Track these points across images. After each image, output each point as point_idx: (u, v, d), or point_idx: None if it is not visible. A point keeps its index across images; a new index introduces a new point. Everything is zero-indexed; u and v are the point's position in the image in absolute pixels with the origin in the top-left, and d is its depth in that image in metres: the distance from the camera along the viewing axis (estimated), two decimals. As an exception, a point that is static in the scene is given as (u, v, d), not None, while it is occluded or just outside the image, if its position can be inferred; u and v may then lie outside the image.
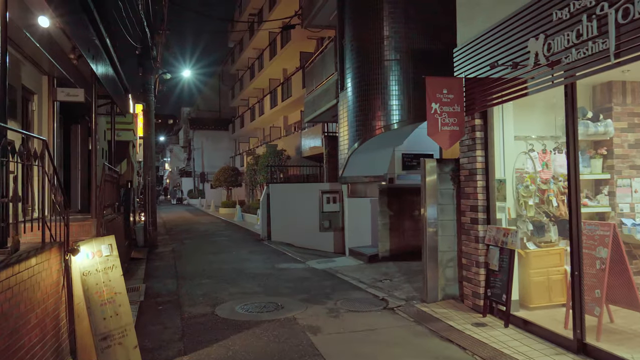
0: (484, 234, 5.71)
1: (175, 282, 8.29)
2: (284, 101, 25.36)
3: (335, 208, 14.65)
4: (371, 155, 11.06)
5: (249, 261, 10.42)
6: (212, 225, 20.03)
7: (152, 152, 13.58)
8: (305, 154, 22.05)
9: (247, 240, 14.42)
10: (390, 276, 8.09)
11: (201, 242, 14.09)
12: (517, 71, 4.84)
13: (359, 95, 10.42)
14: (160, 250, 12.64)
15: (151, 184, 13.57)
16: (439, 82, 5.96)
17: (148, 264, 10.46)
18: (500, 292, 5.32)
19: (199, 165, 43.55)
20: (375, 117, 10.12)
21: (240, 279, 8.37)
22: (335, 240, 14.60)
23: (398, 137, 10.73)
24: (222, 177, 27.56)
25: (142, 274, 9.32)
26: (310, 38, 22.91)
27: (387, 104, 9.98)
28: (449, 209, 6.38)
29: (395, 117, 9.91)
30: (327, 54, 12.62)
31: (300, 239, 14.13)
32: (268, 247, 12.82)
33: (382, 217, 9.47)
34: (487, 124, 5.76)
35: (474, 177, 5.82)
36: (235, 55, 39.41)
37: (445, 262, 6.35)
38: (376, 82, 10.11)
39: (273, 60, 27.44)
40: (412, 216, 9.62)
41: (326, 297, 6.96)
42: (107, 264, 4.18)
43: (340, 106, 11.47)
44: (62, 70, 8.35)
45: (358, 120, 10.45)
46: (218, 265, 9.87)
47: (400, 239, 9.53)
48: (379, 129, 10.06)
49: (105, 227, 7.80)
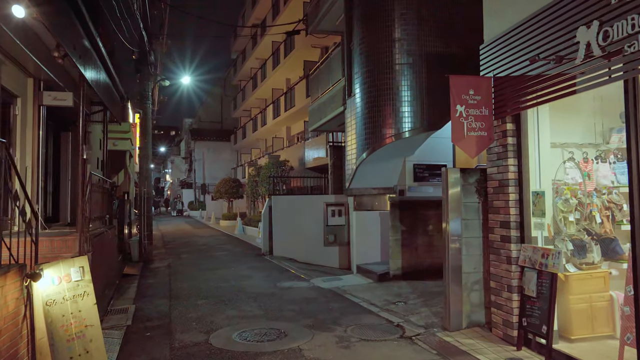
0: (517, 254, 4.99)
1: (168, 303, 7.56)
2: (287, 111, 24.78)
3: (341, 221, 13.94)
4: (380, 166, 10.38)
5: (249, 279, 9.68)
6: (212, 238, 19.30)
7: (148, 162, 12.92)
8: (308, 165, 21.39)
9: (247, 255, 13.69)
10: (404, 298, 7.34)
11: (199, 257, 13.36)
12: (562, 66, 4.16)
13: (368, 101, 9.77)
14: (155, 266, 11.90)
15: (147, 196, 12.88)
16: (465, 82, 5.29)
17: (141, 281, 9.73)
18: (539, 322, 4.58)
19: (200, 177, 42.90)
20: (386, 125, 9.46)
21: (239, 300, 7.63)
22: (340, 256, 13.87)
23: (409, 146, 10.06)
24: (222, 188, 26.88)
25: (133, 292, 8.59)
26: (314, 47, 22.39)
27: (398, 111, 9.33)
28: (474, 225, 5.67)
29: (407, 125, 9.26)
30: (333, 60, 12.01)
31: (304, 254, 13.40)
32: (270, 263, 12.08)
33: (394, 232, 8.76)
34: (520, 129, 5.07)
35: (505, 189, 5.11)
36: (238, 65, 38.98)
37: (470, 284, 5.62)
38: (387, 87, 9.47)
39: (276, 69, 26.92)
40: (426, 231, 8.90)
41: (334, 322, 6.22)
42: (76, 291, 3.48)
43: (348, 114, 10.81)
44: (49, 72, 7.72)
45: (367, 129, 9.79)
46: (215, 283, 9.14)
47: (413, 256, 8.81)
48: (389, 138, 9.40)
49: (93, 242, 7.10)
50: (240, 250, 14.90)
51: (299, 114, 24.05)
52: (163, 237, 20.30)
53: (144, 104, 12.93)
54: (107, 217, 9.56)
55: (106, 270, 8.44)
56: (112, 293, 8.28)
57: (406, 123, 9.28)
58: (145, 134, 12.90)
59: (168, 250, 15.20)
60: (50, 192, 10.12)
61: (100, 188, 9.01)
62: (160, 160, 75.77)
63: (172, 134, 79.67)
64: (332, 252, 13.81)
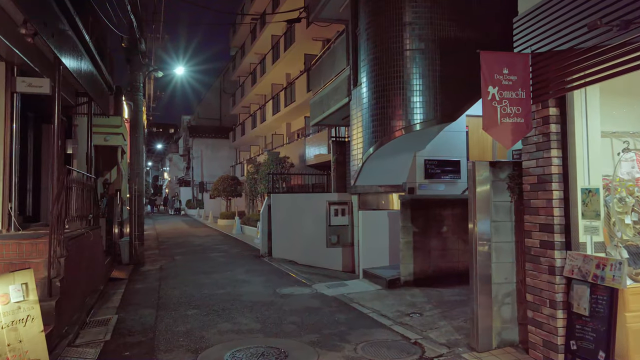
0: (562, 263, 4.19)
1: (155, 313, 6.77)
2: (287, 107, 23.98)
3: (344, 221, 13.16)
4: (389, 162, 9.59)
5: (247, 284, 8.89)
6: (209, 238, 18.50)
7: (139, 157, 12.12)
8: (309, 162, 20.59)
9: (245, 257, 12.89)
10: (419, 308, 6.55)
11: (194, 259, 12.56)
12: (630, 32, 3.36)
13: (375, 91, 8.97)
14: (146, 269, 11.11)
15: (138, 193, 12.08)
16: (498, 59, 4.49)
17: (128, 286, 8.94)
18: (593, 347, 3.79)
19: (198, 175, 42.10)
20: (395, 117, 8.66)
21: (235, 310, 6.84)
22: (344, 258, 13.09)
23: (420, 140, 9.26)
24: (220, 186, 26.07)
25: (118, 299, 7.80)
26: (315, 39, 21.61)
27: (408, 102, 8.53)
28: (505, 228, 4.87)
29: (418, 117, 8.46)
30: (337, 48, 11.20)
31: (305, 255, 12.62)
32: (268, 266, 11.28)
33: (405, 234, 7.96)
34: (566, 114, 4.26)
35: (547, 185, 4.31)
36: (237, 61, 38.17)
37: (501, 297, 4.82)
38: (396, 75, 8.67)
39: (276, 64, 26.11)
40: (440, 233, 8.11)
41: (342, 338, 5.43)
42: (16, 315, 2.71)
43: (353, 105, 10.00)
44: (22, 55, 6.88)
45: (374, 121, 8.99)
46: (209, 290, 8.34)
47: (426, 260, 8.01)
48: (398, 131, 8.61)
49: (69, 245, 6.30)
50: (238, 252, 14.11)
51: (299, 109, 23.26)
52: (158, 236, 19.50)
53: (134, 95, 12.13)
54: (91, 216, 8.76)
55: (88, 276, 7.64)
56: (94, 301, 7.49)
57: (417, 114, 8.48)
58: (136, 127, 12.10)
59: (162, 251, 14.40)
60: (30, 190, 9.32)
61: (81, 183, 8.20)
62: (159, 158, 74.98)
63: (171, 131, 78.87)
64: (335, 253, 13.03)
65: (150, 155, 66.62)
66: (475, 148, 10.29)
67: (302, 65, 24.13)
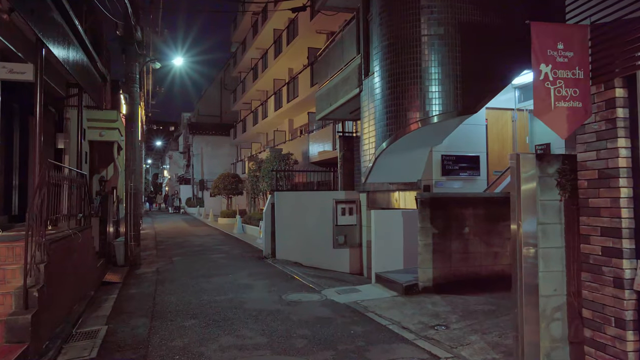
0: (632, 275, 3.50)
1: (149, 324, 6.08)
2: (289, 102, 23.29)
3: (352, 221, 12.49)
4: (403, 158, 8.91)
5: (250, 289, 8.21)
6: (209, 238, 17.81)
7: (136, 152, 11.42)
8: (313, 159, 19.91)
9: (247, 259, 12.20)
10: (444, 320, 5.86)
11: (193, 260, 11.88)
12: None
13: (389, 81, 8.28)
14: (142, 271, 10.43)
15: (134, 191, 11.39)
16: (552, 32, 3.79)
17: (122, 291, 8.26)
18: (679, 378, 3.10)
19: (198, 172, 41.42)
20: (411, 109, 7.98)
21: (238, 320, 6.16)
22: (351, 259, 12.42)
23: (437, 134, 8.57)
24: (221, 184, 25.38)
25: (109, 307, 7.13)
26: (319, 32, 20.93)
27: (426, 92, 7.85)
28: (554, 231, 4.18)
29: (435, 108, 7.79)
30: (346, 36, 10.49)
31: (310, 257, 11.95)
32: (273, 268, 10.60)
33: (424, 236, 7.27)
34: (637, 96, 3.57)
35: (611, 181, 3.63)
36: (238, 56, 37.44)
37: (549, 312, 4.13)
38: (412, 64, 7.98)
39: (278, 58, 25.40)
40: (462, 235, 7.42)
41: (361, 355, 4.75)
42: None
43: (365, 96, 9.31)
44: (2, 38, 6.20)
45: (388, 112, 8.31)
46: (209, 296, 7.66)
47: (446, 264, 7.32)
48: (414, 123, 7.93)
49: (52, 248, 5.62)
50: (240, 253, 13.42)
51: (302, 104, 22.57)
52: (156, 236, 18.83)
53: (130, 87, 11.43)
54: (81, 216, 8.07)
55: (76, 281, 6.96)
56: (83, 308, 6.81)
57: (436, 106, 7.80)
58: (133, 121, 11.40)
59: (159, 252, 13.72)
60: (16, 187, 8.64)
61: (71, 182, 7.52)
62: (159, 156, 74.34)
63: (171, 129, 78.23)
64: (342, 255, 12.37)
65: (150, 153, 66.01)
66: (495, 143, 9.60)
67: (305, 60, 23.42)
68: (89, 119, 14.05)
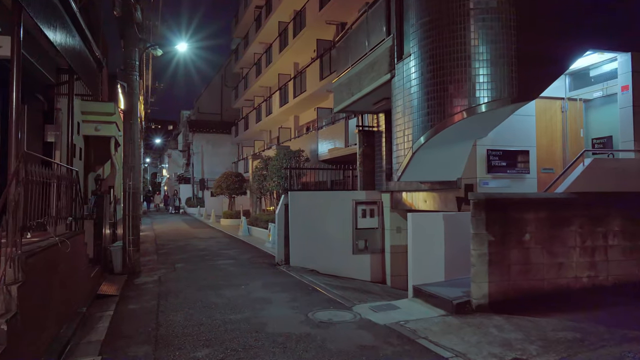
0: None
1: (152, 354, 4.93)
2: (296, 97, 22.15)
3: (373, 223, 11.38)
4: (442, 153, 7.77)
5: (268, 305, 7.05)
6: (213, 241, 16.63)
7: (134, 147, 10.25)
8: (322, 157, 18.75)
9: (258, 266, 11.04)
10: (520, 351, 4.70)
11: (198, 268, 10.72)
12: None
13: (430, 63, 7.15)
14: (142, 281, 9.26)
15: (133, 190, 10.22)
16: None
17: (119, 307, 7.09)
18: None
19: (198, 171, 40.21)
20: (457, 95, 6.86)
21: (262, 350, 5.00)
22: (372, 266, 11.30)
23: (486, 125, 7.44)
24: (224, 183, 24.19)
25: (104, 328, 5.98)
26: (329, 23, 19.79)
27: (475, 76, 6.73)
28: None
29: (487, 94, 6.67)
30: (371, 17, 9.33)
31: (327, 264, 10.83)
32: (289, 278, 9.44)
33: (478, 244, 6.12)
34: None
35: None
36: (240, 52, 36.27)
37: None
38: (459, 42, 6.86)
39: (283, 52, 24.25)
40: (521, 243, 6.27)
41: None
42: None
43: (398, 83, 8.16)
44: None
45: (429, 100, 7.17)
46: (222, 314, 6.51)
47: (504, 277, 6.18)
48: (461, 113, 6.81)
49: (31, 263, 4.46)
50: (249, 258, 12.25)
51: (310, 100, 21.43)
52: (156, 238, 17.64)
53: (129, 75, 10.26)
54: (71, 219, 6.91)
55: (63, 298, 5.80)
56: (72, 332, 5.63)
57: (486, 91, 6.69)
58: (131, 113, 10.24)
59: (160, 257, 12.55)
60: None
61: (59, 179, 6.35)
62: (157, 155, 73.09)
63: (169, 128, 77.02)
64: (363, 261, 11.26)
65: (149, 152, 64.79)
66: (543, 137, 8.47)
67: (312, 54, 22.29)
68: (83, 112, 12.86)
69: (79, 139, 12.63)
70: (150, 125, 49.48)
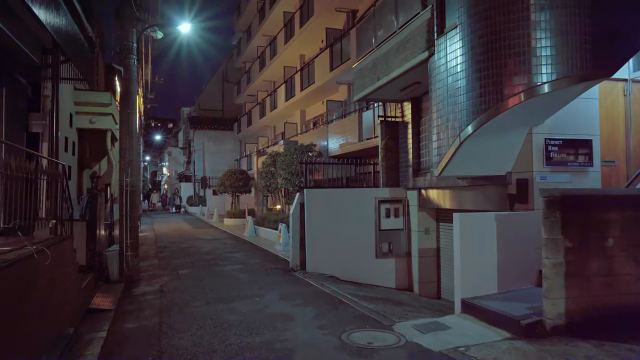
0: None
1: (154, 398, 3.81)
2: (303, 90, 20.99)
3: (398, 224, 10.25)
4: (492, 143, 6.66)
5: (291, 323, 5.93)
6: (218, 243, 15.50)
7: (132, 140, 9.11)
8: (333, 153, 17.57)
9: (271, 272, 9.91)
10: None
11: (204, 275, 9.59)
12: None
13: (482, 35, 6.03)
14: (141, 291, 8.14)
15: (131, 188, 9.09)
16: None
17: (114, 326, 5.97)
18: None
19: (199, 169, 39.06)
20: (519, 72, 5.74)
21: (294, 391, 3.87)
22: (398, 272, 10.18)
23: (547, 108, 6.32)
24: (227, 181, 23.05)
25: (94, 355, 4.85)
26: (339, 10, 18.60)
27: (539, 48, 5.60)
28: None
29: (552, 71, 5.56)
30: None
31: (348, 269, 9.72)
32: (308, 287, 8.31)
33: (553, 252, 4.99)
34: None
35: None
36: (242, 46, 35.09)
37: None
38: (519, 8, 5.72)
39: (289, 43, 23.08)
40: (603, 250, 5.13)
41: None
42: None
43: (437, 62, 7.01)
44: None
45: (481, 79, 6.04)
46: (238, 336, 5.38)
47: (584, 292, 5.05)
48: (515, 95, 5.70)
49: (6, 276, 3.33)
50: (259, 263, 11.12)
51: (319, 92, 20.28)
52: (157, 240, 16.51)
53: (125, 58, 9.12)
54: (54, 222, 5.78)
55: (43, 320, 4.68)
56: (54, 362, 4.52)
57: (552, 66, 5.56)
58: (128, 101, 9.09)
59: (162, 262, 11.42)
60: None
61: (39, 174, 5.22)
62: (157, 152, 71.94)
63: (169, 126, 75.93)
64: (387, 266, 10.14)
65: (148, 150, 63.64)
66: (604, 125, 7.30)
67: (319, 45, 21.15)
68: (77, 102, 11.74)
69: (72, 132, 11.52)
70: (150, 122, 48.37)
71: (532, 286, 6.44)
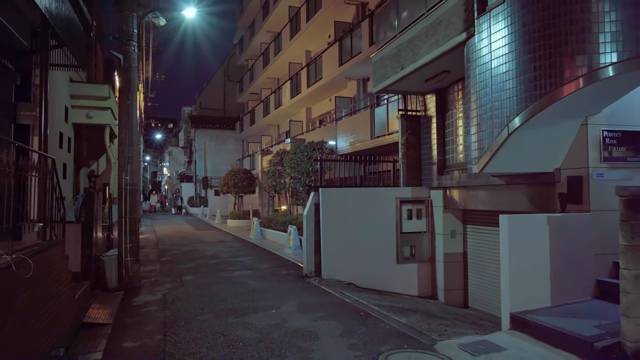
0: None
1: None
2: (310, 86, 20.20)
3: (421, 227, 9.46)
4: (540, 136, 5.86)
5: (316, 342, 5.13)
6: (223, 246, 14.70)
7: (132, 134, 8.31)
8: (342, 151, 16.77)
9: (283, 278, 9.12)
10: None
11: (211, 282, 8.79)
12: None
13: (537, 10, 5.23)
14: (142, 300, 7.34)
15: (131, 187, 8.29)
16: None
17: (111, 345, 5.17)
18: None
19: (201, 169, 38.26)
20: (583, 52, 4.96)
21: None
22: (420, 278, 9.39)
23: (606, 95, 5.53)
24: (231, 181, 22.24)
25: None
26: (348, 3, 17.82)
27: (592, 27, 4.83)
28: None
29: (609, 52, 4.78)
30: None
31: (366, 275, 8.95)
32: (327, 296, 7.51)
33: (633, 260, 4.21)
34: None
35: None
36: (245, 43, 34.29)
37: None
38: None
39: (295, 38, 22.29)
40: (690, 258, 4.33)
41: None
42: None
43: (478, 45, 6.21)
44: None
45: (536, 61, 5.25)
46: (256, 359, 4.58)
47: (669, 309, 4.25)
48: (573, 81, 4.92)
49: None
50: (269, 268, 10.31)
51: (326, 89, 19.51)
52: (158, 243, 15.70)
53: (125, 45, 8.33)
54: (40, 225, 4.99)
55: (27, 342, 3.88)
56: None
57: (609, 46, 4.79)
58: (128, 92, 8.30)
59: (164, 266, 10.62)
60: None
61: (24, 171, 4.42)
62: (158, 153, 71.15)
63: (170, 126, 75.25)
64: (409, 272, 9.36)
65: (149, 150, 62.86)
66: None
67: (328, 38, 20.37)
68: (73, 96, 10.94)
69: (68, 127, 10.73)
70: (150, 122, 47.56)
71: (590, 298, 5.65)
